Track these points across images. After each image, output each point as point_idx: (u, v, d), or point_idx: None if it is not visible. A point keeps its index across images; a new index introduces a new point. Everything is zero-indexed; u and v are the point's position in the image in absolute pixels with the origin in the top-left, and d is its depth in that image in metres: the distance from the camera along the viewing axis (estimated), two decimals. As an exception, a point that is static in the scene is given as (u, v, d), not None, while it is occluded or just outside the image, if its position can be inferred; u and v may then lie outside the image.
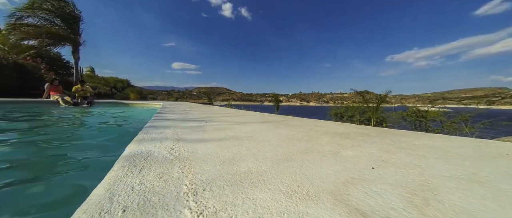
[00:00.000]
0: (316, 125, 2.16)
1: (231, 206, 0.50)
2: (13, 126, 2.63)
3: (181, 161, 0.83)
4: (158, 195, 0.54)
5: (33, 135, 2.21)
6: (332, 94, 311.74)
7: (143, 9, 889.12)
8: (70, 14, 11.17)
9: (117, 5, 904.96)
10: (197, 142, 1.20)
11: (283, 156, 0.95)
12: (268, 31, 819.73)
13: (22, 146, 1.78)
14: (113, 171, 0.70)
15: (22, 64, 9.13)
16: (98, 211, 0.46)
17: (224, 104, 11.69)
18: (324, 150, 1.08)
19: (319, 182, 0.66)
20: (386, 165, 0.86)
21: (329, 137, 1.45)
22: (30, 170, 1.19)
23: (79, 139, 2.19)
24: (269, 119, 2.77)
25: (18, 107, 4.74)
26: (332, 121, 2.84)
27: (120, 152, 0.94)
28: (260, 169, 0.77)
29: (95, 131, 2.52)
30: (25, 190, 0.92)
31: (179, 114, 3.25)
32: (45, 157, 1.48)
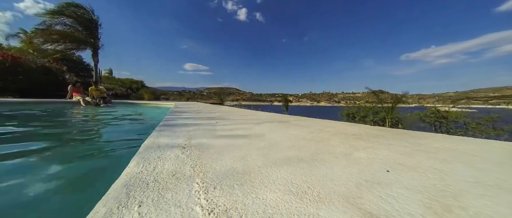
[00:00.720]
0: (327, 125, 2.11)
1: (241, 205, 0.51)
2: (52, 123, 2.85)
3: (193, 159, 0.85)
4: (171, 191, 0.56)
5: (67, 129, 2.38)
6: (344, 94, 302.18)
7: (161, 15, 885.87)
8: (89, 20, 11.89)
9: (136, 10, 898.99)
10: (207, 141, 1.23)
11: (293, 156, 0.94)
12: (279, 32, 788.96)
13: (60, 138, 1.92)
14: (129, 168, 0.73)
15: (48, 67, 9.89)
16: (117, 205, 0.49)
17: (234, 104, 11.82)
18: (335, 151, 1.06)
19: (330, 183, 0.65)
20: (403, 168, 0.82)
21: (340, 138, 1.41)
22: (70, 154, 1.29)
23: (99, 134, 2.33)
24: (278, 119, 2.75)
25: (49, 107, 5.14)
26: (344, 121, 2.75)
27: (135, 148, 0.98)
28: (269, 169, 0.77)
29: (113, 128, 2.67)
30: (74, 167, 1.00)
31: (191, 114, 3.33)
32: (81, 146, 1.59)
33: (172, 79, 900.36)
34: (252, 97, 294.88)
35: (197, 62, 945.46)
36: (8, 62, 8.16)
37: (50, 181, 1.02)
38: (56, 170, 1.19)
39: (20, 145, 1.66)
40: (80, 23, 11.47)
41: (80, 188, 0.98)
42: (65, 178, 1.09)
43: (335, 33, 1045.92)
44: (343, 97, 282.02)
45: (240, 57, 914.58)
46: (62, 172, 1.18)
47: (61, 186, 0.97)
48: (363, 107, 4.57)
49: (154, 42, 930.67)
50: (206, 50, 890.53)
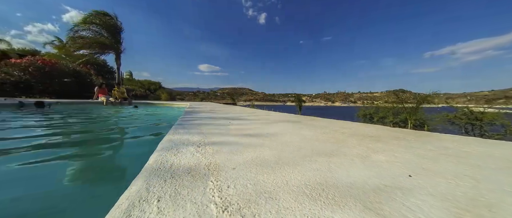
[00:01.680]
0: (342, 126, 2.03)
1: (254, 204, 0.51)
2: (88, 121, 3.15)
3: (207, 158, 0.87)
4: (186, 188, 0.58)
5: (100, 125, 2.61)
6: (360, 94, 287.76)
7: (181, 19, 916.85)
8: (113, 25, 12.80)
9: (158, 15, 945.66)
10: (221, 141, 1.25)
11: (306, 157, 0.92)
12: (295, 33, 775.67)
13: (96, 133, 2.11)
14: (148, 164, 0.78)
15: (78, 71, 10.85)
16: (138, 199, 0.52)
17: (247, 104, 11.92)
18: (351, 153, 1.01)
19: (345, 186, 0.63)
20: (428, 173, 0.76)
21: (357, 140, 1.35)
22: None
23: (120, 131, 2.51)
24: (291, 119, 2.72)
25: (81, 107, 5.65)
26: (360, 122, 2.61)
27: (154, 144, 1.04)
28: (282, 169, 0.76)
29: (133, 126, 2.85)
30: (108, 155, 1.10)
31: (205, 113, 3.42)
32: (112, 138, 1.74)
33: (187, 80, 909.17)
34: (264, 98, 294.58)
35: (212, 63, 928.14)
36: (47, 67, 9.12)
37: (86, 166, 1.12)
38: (88, 158, 1.31)
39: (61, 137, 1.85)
40: (105, 29, 12.42)
41: (108, 173, 1.07)
42: (96, 165, 1.19)
43: (352, 33, 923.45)
44: (359, 97, 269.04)
45: (254, 58, 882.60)
46: (91, 161, 1.29)
47: (97, 171, 1.06)
48: (382, 107, 4.30)
49: (173, 45, 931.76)
50: (221, 51, 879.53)
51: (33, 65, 8.79)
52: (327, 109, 45.69)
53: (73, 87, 10.07)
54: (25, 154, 1.42)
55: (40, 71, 8.88)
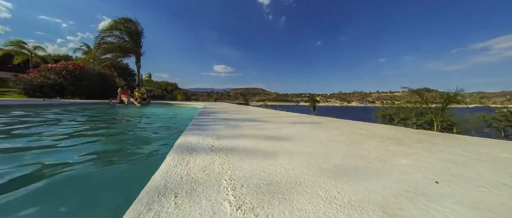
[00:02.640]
0: (359, 127, 1.95)
1: (268, 204, 0.51)
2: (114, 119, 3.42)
3: (221, 158, 0.89)
4: (202, 186, 0.60)
5: (125, 122, 2.82)
6: (379, 93, 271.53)
7: (200, 23, 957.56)
8: (135, 30, 13.65)
9: (178, 18, 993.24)
10: (235, 141, 1.27)
11: (321, 159, 0.90)
12: (310, 32, 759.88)
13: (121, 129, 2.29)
14: (166, 162, 0.82)
15: (104, 73, 11.74)
16: (157, 194, 0.55)
17: (259, 104, 11.94)
18: (369, 155, 0.97)
19: (362, 190, 0.60)
20: (457, 180, 0.70)
21: (375, 142, 1.28)
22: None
23: (139, 129, 2.66)
24: (305, 119, 2.67)
25: (105, 107, 6.13)
26: (379, 123, 2.46)
27: (172, 140, 1.09)
28: (296, 170, 0.75)
29: (151, 124, 3.01)
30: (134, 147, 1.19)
31: (219, 114, 3.50)
32: (138, 133, 1.87)
33: (201, 81, 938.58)
34: (277, 98, 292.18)
35: (226, 63, 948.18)
36: (77, 71, 10.02)
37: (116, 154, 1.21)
38: (115, 149, 1.42)
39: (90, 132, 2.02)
40: (128, 35, 13.30)
41: (133, 163, 1.15)
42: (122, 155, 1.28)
43: (370, 30, 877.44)
44: (378, 97, 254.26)
45: (268, 58, 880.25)
46: (118, 152, 1.39)
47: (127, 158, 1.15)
48: (404, 108, 4.00)
49: (190, 47, 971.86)
50: (235, 52, 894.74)
51: (65, 69, 9.71)
52: (342, 109, 43.89)
53: (99, 88, 10.94)
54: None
55: (71, 74, 9.78)
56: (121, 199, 0.84)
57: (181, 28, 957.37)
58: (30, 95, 8.91)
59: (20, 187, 0.88)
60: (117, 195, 0.91)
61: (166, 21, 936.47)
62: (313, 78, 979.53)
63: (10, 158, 1.31)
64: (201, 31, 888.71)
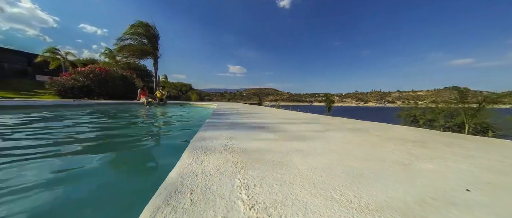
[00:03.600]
0: (377, 128, 1.85)
1: (281, 205, 0.51)
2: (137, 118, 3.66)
3: (234, 157, 0.91)
4: (216, 184, 0.62)
5: (147, 120, 3.01)
6: (400, 92, 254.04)
7: (216, 25, 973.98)
8: (152, 34, 14.41)
9: (195, 20, 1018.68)
10: (248, 140, 1.28)
11: (336, 161, 0.87)
12: (328, 32, 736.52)
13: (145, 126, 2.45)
14: (182, 159, 0.85)
15: (125, 75, 12.55)
16: (174, 190, 0.57)
17: (272, 104, 11.90)
18: (388, 158, 0.91)
19: (381, 195, 0.57)
20: (493, 189, 0.63)
21: (395, 144, 1.20)
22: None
23: (157, 126, 2.81)
24: (320, 120, 2.60)
25: (128, 107, 6.56)
26: (401, 125, 2.28)
27: (188, 137, 1.13)
28: (310, 172, 0.73)
29: (169, 122, 3.15)
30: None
31: (233, 116, 3.55)
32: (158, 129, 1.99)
33: (215, 81, 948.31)
34: (290, 98, 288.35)
35: (240, 64, 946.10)
36: (103, 74, 10.84)
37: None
38: (138, 143, 1.52)
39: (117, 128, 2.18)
40: (146, 38, 14.09)
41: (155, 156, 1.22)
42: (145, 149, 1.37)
43: (391, 28, 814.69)
44: (398, 97, 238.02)
45: (283, 58, 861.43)
46: (140, 145, 1.48)
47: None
48: (432, 108, 3.67)
49: (206, 48, 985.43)
50: (250, 53, 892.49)
51: (92, 72, 10.56)
52: (358, 109, 41.63)
53: (120, 89, 11.72)
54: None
55: (97, 77, 10.61)
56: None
57: (200, 30, 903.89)
58: (63, 96, 9.84)
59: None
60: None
61: (183, 23, 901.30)
62: (327, 78, 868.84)
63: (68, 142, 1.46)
64: (219, 34, 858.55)
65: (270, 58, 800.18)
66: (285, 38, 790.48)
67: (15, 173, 1.06)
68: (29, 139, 1.90)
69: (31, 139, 1.89)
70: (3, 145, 1.66)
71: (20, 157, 1.31)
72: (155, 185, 0.61)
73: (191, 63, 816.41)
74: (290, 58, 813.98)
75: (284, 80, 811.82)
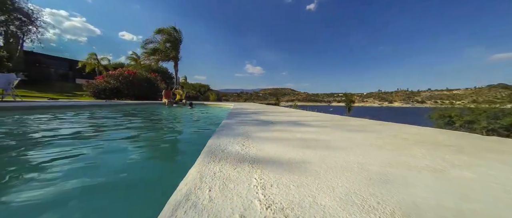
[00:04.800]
0: (404, 130, 1.70)
1: (298, 207, 0.50)
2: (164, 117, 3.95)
3: (251, 156, 0.92)
4: (233, 182, 0.63)
5: (171, 118, 3.22)
6: (431, 91, 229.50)
7: (234, 27, 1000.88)
8: (175, 38, 15.25)
9: (214, 22, 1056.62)
10: (264, 141, 1.28)
11: (356, 164, 0.82)
12: (346, 28, 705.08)
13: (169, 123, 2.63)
14: (201, 158, 0.88)
15: (149, 78, 13.48)
16: (194, 186, 0.60)
17: (289, 104, 11.75)
18: (418, 164, 0.84)
19: (410, 203, 0.52)
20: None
21: (426, 148, 1.10)
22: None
23: (178, 124, 2.96)
24: (339, 121, 2.49)
25: (154, 107, 7.06)
26: (433, 127, 2.05)
27: (206, 136, 1.17)
28: (328, 174, 0.71)
29: (188, 121, 3.31)
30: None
31: (249, 115, 3.59)
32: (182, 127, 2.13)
33: (232, 82, 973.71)
34: (307, 98, 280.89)
35: (258, 65, 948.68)
36: (131, 77, 11.80)
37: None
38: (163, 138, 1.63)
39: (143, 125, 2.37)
40: (170, 42, 14.99)
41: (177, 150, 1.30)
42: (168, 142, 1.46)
43: (419, 22, 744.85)
44: (429, 96, 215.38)
45: (302, 59, 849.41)
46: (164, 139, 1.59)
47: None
48: (471, 109, 3.22)
49: (224, 50, 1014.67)
50: (268, 54, 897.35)
51: (121, 75, 11.55)
52: (382, 110, 38.53)
53: (145, 91, 12.63)
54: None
55: (126, 79, 11.58)
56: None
57: (223, 32, 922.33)
58: (97, 97, 10.94)
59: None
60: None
61: (205, 25, 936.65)
62: (347, 77, 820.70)
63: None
64: (241, 36, 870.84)
65: (288, 58, 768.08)
66: (306, 38, 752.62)
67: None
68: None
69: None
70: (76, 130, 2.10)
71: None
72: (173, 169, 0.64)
73: (211, 64, 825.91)
74: (309, 57, 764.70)
75: (302, 80, 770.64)
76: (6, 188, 0.94)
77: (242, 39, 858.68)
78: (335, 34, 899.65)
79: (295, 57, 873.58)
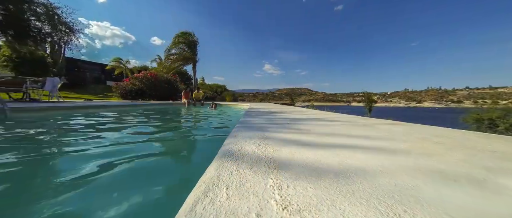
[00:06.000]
0: (435, 133, 1.55)
1: (315, 210, 0.49)
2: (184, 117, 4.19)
3: (267, 156, 0.92)
4: (249, 182, 0.64)
5: (191, 118, 3.40)
6: (469, 90, 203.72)
7: (254, 29, 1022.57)
8: (192, 41, 15.94)
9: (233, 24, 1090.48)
10: (281, 141, 1.27)
11: (379, 167, 0.77)
12: (371, 24, 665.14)
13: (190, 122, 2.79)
14: (218, 157, 0.91)
15: (169, 79, 14.25)
16: (212, 184, 0.62)
17: (305, 104, 11.52)
18: (454, 171, 0.76)
19: (444, 215, 0.47)
20: None
21: (463, 154, 0.99)
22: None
23: (198, 123, 3.08)
24: (359, 121, 2.36)
25: (173, 107, 7.48)
26: (471, 129, 1.82)
27: (223, 136, 1.21)
28: (348, 177, 0.68)
29: (206, 120, 3.43)
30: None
31: (264, 116, 3.59)
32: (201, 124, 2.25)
33: (247, 82, 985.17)
34: (325, 98, 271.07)
35: (276, 65, 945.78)
36: (153, 79, 12.62)
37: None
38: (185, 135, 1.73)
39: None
40: (187, 45, 15.72)
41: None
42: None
43: (451, 16, 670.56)
44: (467, 95, 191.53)
45: (320, 57, 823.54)
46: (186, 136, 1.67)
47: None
48: None
49: (247, 51, 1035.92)
50: (287, 54, 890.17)
51: (145, 77, 12.41)
52: (409, 111, 35.16)
53: (166, 92, 13.39)
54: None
55: (149, 81, 12.41)
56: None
57: (243, 33, 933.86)
58: (124, 98, 11.91)
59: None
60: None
61: (224, 26, 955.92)
62: (370, 76, 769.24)
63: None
64: (263, 38, 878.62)
65: (307, 58, 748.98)
66: (327, 37, 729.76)
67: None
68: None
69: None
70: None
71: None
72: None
73: (229, 64, 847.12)
74: (329, 57, 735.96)
75: (320, 80, 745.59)
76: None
77: (263, 40, 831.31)
78: (359, 32, 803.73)
79: (316, 57, 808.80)
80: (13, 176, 1.12)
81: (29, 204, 0.84)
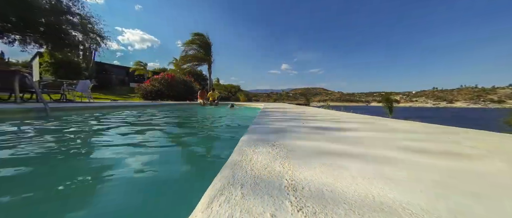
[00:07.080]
0: (468, 137, 1.41)
1: (332, 213, 0.47)
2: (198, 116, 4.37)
3: (282, 157, 0.91)
4: (264, 182, 0.64)
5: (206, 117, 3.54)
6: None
7: (271, 30, 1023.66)
8: (206, 43, 16.42)
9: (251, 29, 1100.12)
10: (295, 142, 1.26)
11: (402, 170, 0.72)
12: (394, 20, 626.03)
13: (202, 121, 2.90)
14: (232, 156, 0.93)
15: (185, 80, 14.85)
16: (227, 182, 0.64)
17: (320, 105, 11.24)
18: (495, 182, 0.68)
19: (479, 225, 0.43)
20: None
21: (506, 163, 0.88)
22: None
23: (215, 122, 3.17)
24: (377, 122, 2.23)
25: (189, 107, 7.79)
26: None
27: (238, 135, 1.23)
28: (366, 182, 0.65)
29: (220, 121, 3.51)
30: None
31: (279, 115, 3.57)
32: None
33: (262, 82, 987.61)
34: (342, 98, 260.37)
35: (292, 64, 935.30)
36: (170, 79, 13.27)
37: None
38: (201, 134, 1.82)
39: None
40: (201, 47, 16.25)
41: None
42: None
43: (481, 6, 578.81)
44: (510, 94, 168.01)
45: (337, 56, 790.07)
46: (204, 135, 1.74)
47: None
48: None
49: (258, 54, 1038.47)
50: (304, 54, 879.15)
51: (163, 78, 13.08)
52: (437, 110, 31.88)
53: (182, 92, 13.99)
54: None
55: (167, 82, 13.06)
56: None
57: (261, 33, 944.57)
58: (145, 98, 12.69)
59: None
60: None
61: (242, 25, 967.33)
62: (393, 74, 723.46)
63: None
64: (279, 38, 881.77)
65: (323, 57, 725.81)
66: (347, 35, 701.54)
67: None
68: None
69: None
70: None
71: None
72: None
73: (244, 65, 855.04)
74: (347, 56, 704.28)
75: (338, 79, 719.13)
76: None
77: (281, 40, 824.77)
78: (378, 28, 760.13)
79: (332, 56, 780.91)
80: (54, 157, 1.45)
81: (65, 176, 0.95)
